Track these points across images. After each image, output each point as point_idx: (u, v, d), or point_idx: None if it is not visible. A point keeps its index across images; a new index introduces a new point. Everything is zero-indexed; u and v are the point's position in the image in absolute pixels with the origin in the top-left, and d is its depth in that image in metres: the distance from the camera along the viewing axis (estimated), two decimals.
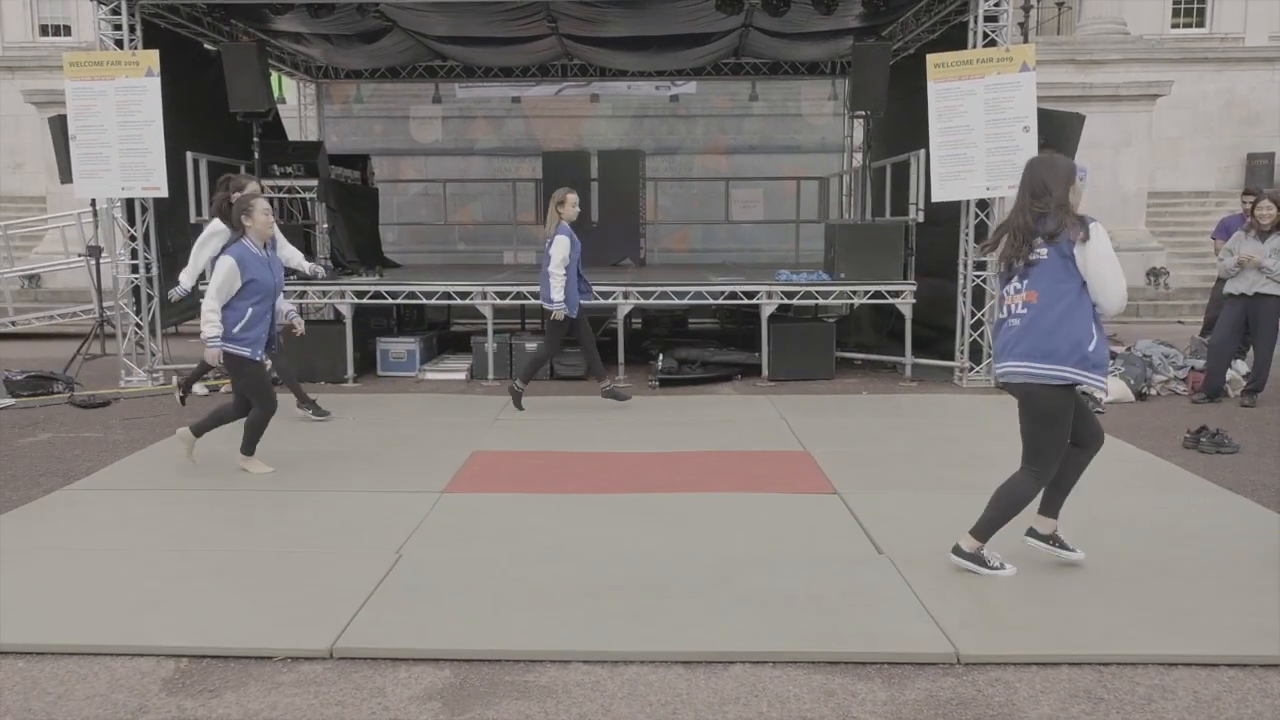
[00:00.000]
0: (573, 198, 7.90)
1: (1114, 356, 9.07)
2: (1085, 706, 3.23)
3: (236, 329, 5.78)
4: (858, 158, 13.27)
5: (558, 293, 7.77)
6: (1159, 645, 3.61)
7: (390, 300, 9.82)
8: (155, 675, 3.45)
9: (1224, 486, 5.78)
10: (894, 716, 3.18)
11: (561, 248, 7.72)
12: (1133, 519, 5.14)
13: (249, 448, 6.10)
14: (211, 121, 10.23)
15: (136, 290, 9.47)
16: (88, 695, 3.32)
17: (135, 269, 9.44)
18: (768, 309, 9.41)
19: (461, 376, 9.79)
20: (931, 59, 8.94)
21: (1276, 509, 5.31)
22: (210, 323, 5.73)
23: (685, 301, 9.82)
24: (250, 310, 5.80)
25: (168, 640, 3.66)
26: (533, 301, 10.01)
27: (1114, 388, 8.48)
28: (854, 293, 9.59)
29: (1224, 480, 5.92)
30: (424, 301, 10.03)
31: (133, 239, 9.40)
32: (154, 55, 8.96)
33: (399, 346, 10.05)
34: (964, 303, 9.29)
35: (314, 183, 10.57)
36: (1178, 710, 3.22)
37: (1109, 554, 4.53)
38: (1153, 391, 8.76)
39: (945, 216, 9.35)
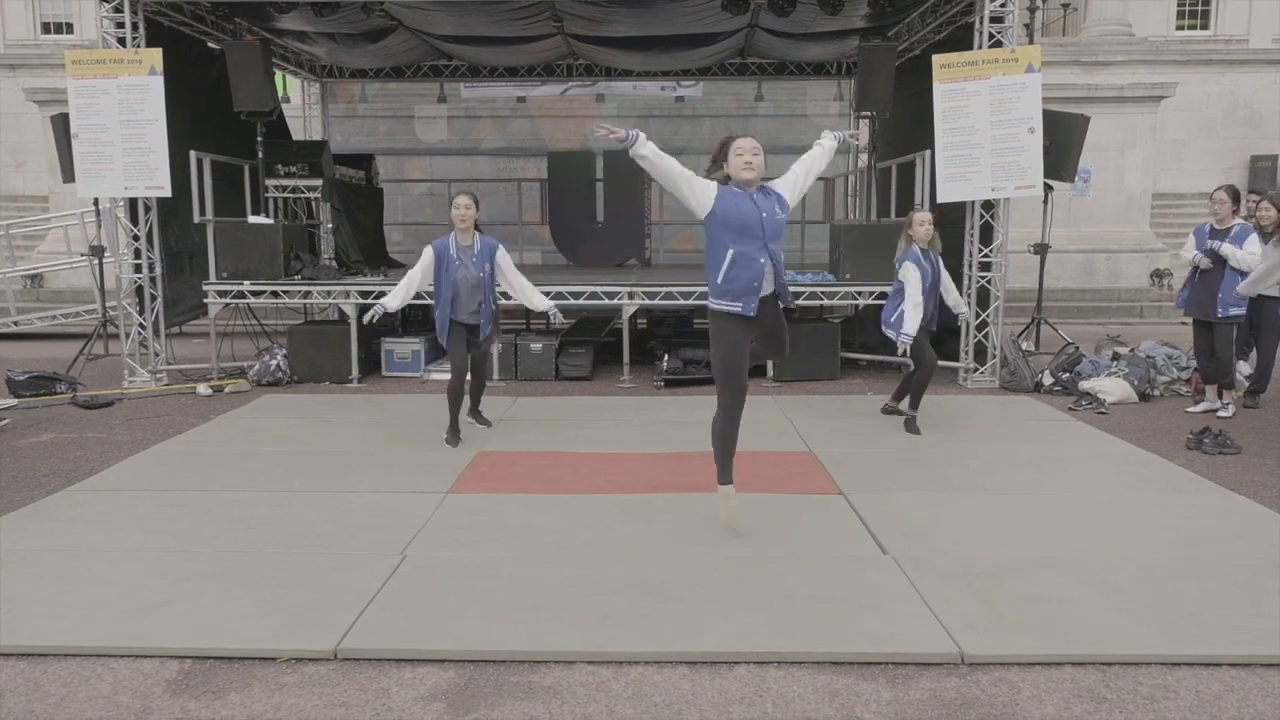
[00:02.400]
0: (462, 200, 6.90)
1: (1117, 357, 9.08)
2: (1088, 706, 3.23)
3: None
4: (863, 158, 13.27)
5: None
6: (1161, 645, 3.61)
7: None
8: (159, 677, 3.45)
9: (1226, 487, 5.78)
10: (898, 716, 3.17)
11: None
12: (1135, 519, 5.14)
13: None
14: (215, 120, 10.24)
15: (140, 290, 9.47)
16: (90, 697, 3.31)
17: (138, 269, 9.44)
18: None
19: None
20: (937, 60, 8.94)
21: (1278, 509, 5.31)
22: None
23: (690, 302, 9.81)
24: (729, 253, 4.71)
25: (171, 641, 3.66)
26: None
27: (1118, 389, 8.48)
28: (859, 293, 9.59)
29: (1226, 481, 5.92)
30: (429, 302, 10.01)
31: (136, 238, 9.40)
32: (157, 53, 8.96)
33: (404, 347, 10.05)
34: (969, 304, 9.28)
35: (318, 182, 10.59)
36: (1180, 710, 3.22)
37: (1112, 554, 4.54)
38: (1156, 392, 8.74)
39: (951, 217, 9.33)
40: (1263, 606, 3.93)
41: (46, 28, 23.25)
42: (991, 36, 8.94)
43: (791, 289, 9.24)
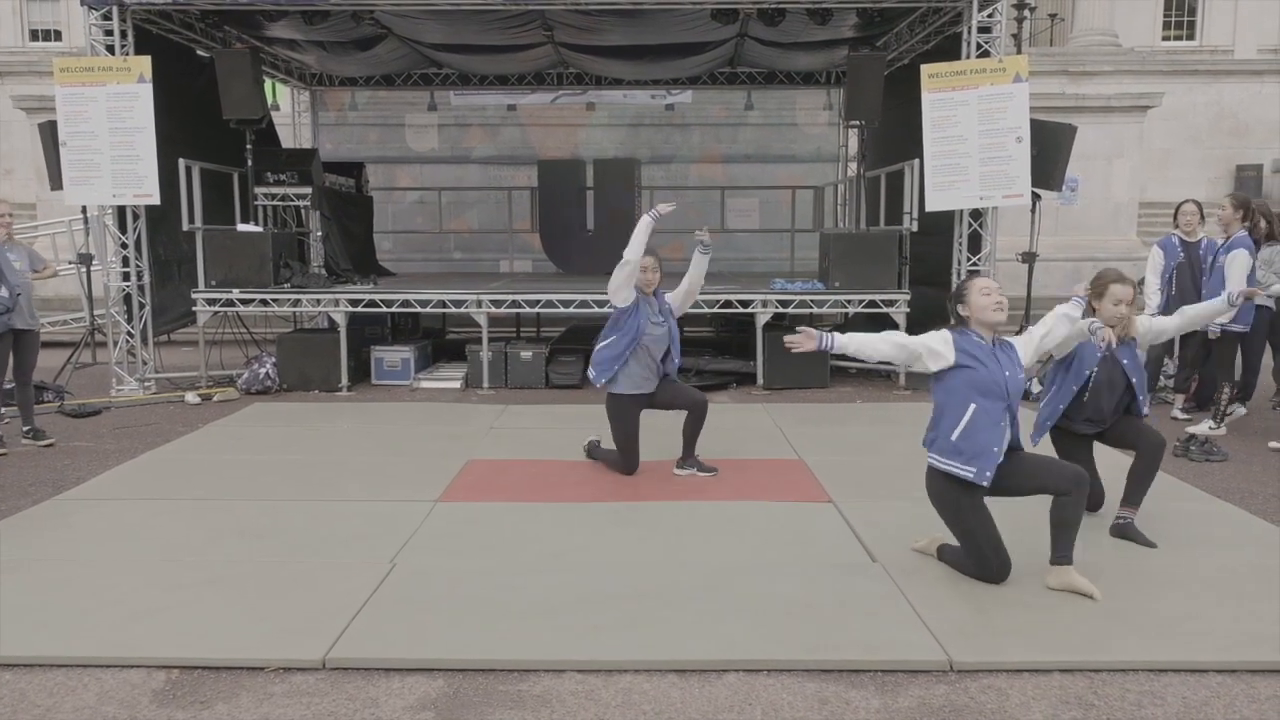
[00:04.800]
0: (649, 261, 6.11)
1: None
2: (1077, 713, 3.24)
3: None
4: (852, 167, 13.33)
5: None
6: (1149, 652, 3.63)
7: (384, 309, 9.82)
8: (145, 687, 3.44)
9: (1213, 494, 5.82)
10: None
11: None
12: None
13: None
14: (204, 128, 10.21)
15: (128, 298, 9.44)
16: (76, 708, 3.30)
17: (127, 277, 9.41)
18: (763, 318, 9.44)
19: (456, 385, 9.78)
20: (926, 69, 8.98)
21: (1264, 516, 5.36)
22: None
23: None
24: None
25: (158, 651, 3.64)
26: (527, 310, 10.04)
27: None
28: (848, 302, 9.62)
29: (1213, 488, 5.96)
30: (419, 310, 10.03)
31: (124, 246, 9.37)
32: (146, 61, 8.94)
33: (393, 355, 10.03)
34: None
35: (308, 190, 10.56)
36: (1167, 716, 3.23)
37: (1099, 561, 4.55)
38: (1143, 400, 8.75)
39: (939, 226, 9.39)
40: (1248, 612, 3.95)
41: (35, 35, 23.20)
42: (979, 46, 8.99)
43: (783, 297, 9.36)
